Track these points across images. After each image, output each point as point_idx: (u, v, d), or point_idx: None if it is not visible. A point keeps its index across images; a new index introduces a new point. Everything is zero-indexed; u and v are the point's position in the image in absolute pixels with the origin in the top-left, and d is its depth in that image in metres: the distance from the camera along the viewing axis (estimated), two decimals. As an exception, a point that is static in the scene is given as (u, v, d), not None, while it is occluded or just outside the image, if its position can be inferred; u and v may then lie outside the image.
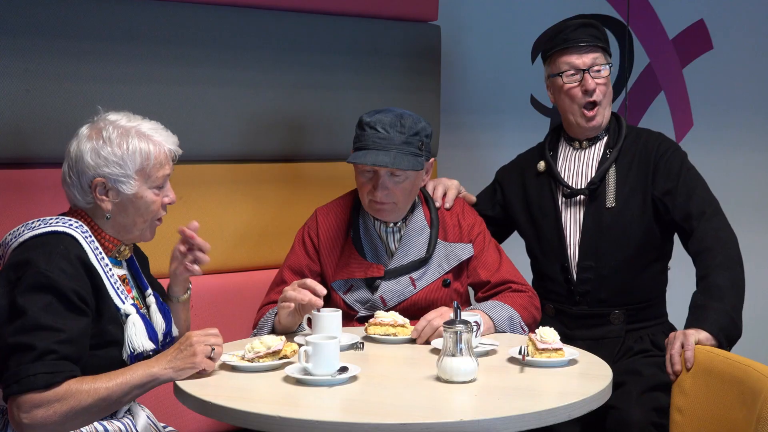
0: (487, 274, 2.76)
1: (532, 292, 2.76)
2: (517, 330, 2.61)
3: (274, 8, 3.19)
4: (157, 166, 2.20)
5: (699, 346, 2.39)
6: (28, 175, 2.73)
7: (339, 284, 2.75)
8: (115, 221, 2.19)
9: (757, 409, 2.02)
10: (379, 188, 2.64)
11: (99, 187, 2.16)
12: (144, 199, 2.19)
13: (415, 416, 1.87)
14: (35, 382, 1.96)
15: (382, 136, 2.62)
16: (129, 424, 2.24)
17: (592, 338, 2.79)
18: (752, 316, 3.42)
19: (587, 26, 2.85)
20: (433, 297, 2.72)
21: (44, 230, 2.12)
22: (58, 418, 1.99)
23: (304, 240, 2.81)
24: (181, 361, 2.11)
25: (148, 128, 2.21)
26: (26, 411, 1.97)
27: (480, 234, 2.81)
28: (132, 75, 2.88)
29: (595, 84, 2.81)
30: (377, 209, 2.70)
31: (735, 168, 3.74)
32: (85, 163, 2.16)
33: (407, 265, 2.73)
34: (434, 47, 3.61)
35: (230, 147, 3.14)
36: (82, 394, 2.00)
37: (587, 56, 2.81)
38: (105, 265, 2.17)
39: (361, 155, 2.62)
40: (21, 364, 1.96)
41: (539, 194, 2.94)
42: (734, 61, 3.81)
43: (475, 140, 3.96)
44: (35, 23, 2.69)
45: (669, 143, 2.90)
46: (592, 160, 2.90)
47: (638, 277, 2.85)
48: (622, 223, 2.81)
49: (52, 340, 1.99)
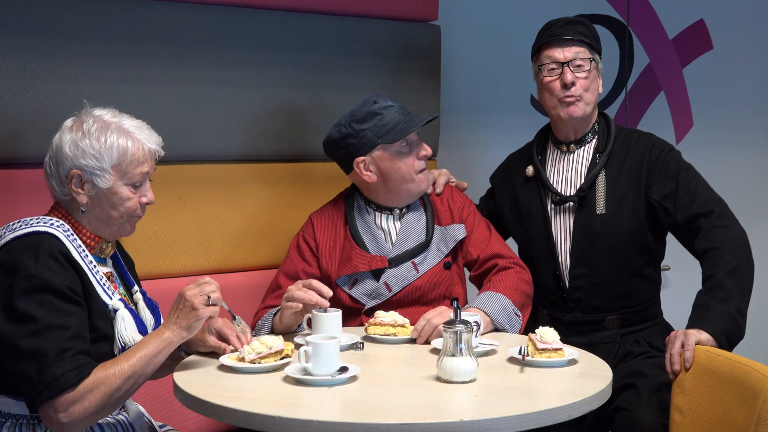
0: (477, 251, 2.81)
1: (519, 266, 2.77)
2: (512, 318, 2.63)
3: (274, 8, 3.19)
4: (135, 163, 2.19)
5: (699, 346, 2.39)
6: (27, 175, 2.72)
7: (344, 280, 2.76)
8: (90, 215, 2.19)
9: (757, 409, 2.03)
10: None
11: (75, 179, 2.16)
12: (119, 195, 2.19)
13: (415, 416, 1.87)
14: (66, 381, 1.97)
15: (400, 106, 2.78)
16: (124, 420, 2.25)
17: (587, 344, 2.70)
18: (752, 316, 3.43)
19: (574, 23, 2.83)
20: (435, 280, 2.76)
21: (26, 231, 2.12)
22: (95, 407, 2.01)
23: (300, 245, 2.83)
24: (184, 318, 2.13)
25: (130, 125, 2.21)
26: (63, 410, 1.98)
27: (470, 214, 2.87)
28: (132, 75, 2.88)
29: (575, 77, 2.77)
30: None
31: (735, 168, 3.74)
32: (64, 153, 2.16)
33: (409, 251, 2.76)
34: (434, 47, 3.60)
35: (229, 147, 3.14)
36: (110, 378, 2.03)
37: (569, 50, 2.78)
38: (89, 262, 2.17)
39: (405, 123, 2.72)
40: (43, 370, 1.97)
41: (528, 200, 2.91)
42: (734, 61, 3.81)
43: (475, 140, 3.97)
44: (35, 23, 2.69)
45: (661, 145, 2.84)
46: (581, 165, 2.86)
47: (631, 281, 2.82)
48: (612, 229, 2.77)
49: (62, 339, 2.00)
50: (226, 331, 2.32)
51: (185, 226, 3.02)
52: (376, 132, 2.72)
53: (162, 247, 2.95)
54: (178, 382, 2.12)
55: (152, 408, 2.44)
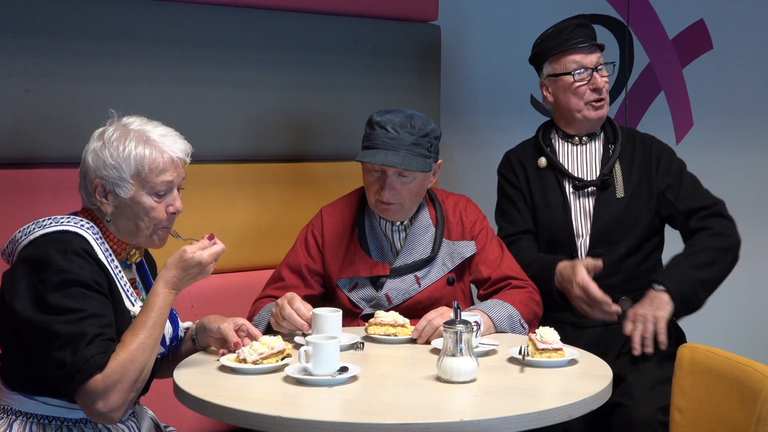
0: (488, 270, 2.76)
1: (532, 287, 2.77)
2: (517, 328, 2.61)
3: (275, 8, 3.20)
4: (156, 172, 2.14)
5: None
6: (27, 175, 2.72)
7: (344, 282, 2.75)
8: (116, 224, 2.18)
9: (757, 409, 2.02)
10: (386, 188, 2.65)
11: (99, 189, 2.15)
12: (142, 205, 2.15)
13: (415, 416, 1.87)
14: (94, 363, 1.96)
15: (392, 136, 2.63)
16: (133, 427, 2.23)
17: (603, 324, 2.88)
18: (752, 316, 3.43)
19: (583, 26, 3.00)
20: (437, 295, 2.73)
21: (56, 228, 2.10)
22: (128, 386, 1.99)
23: (307, 238, 2.81)
24: (187, 283, 2.16)
25: (154, 133, 2.17)
26: (100, 397, 1.96)
27: (482, 230, 2.81)
28: (132, 75, 2.89)
29: (603, 82, 2.97)
30: (383, 209, 2.71)
31: (735, 168, 3.74)
32: (87, 164, 2.15)
33: (412, 264, 2.73)
34: (434, 47, 3.61)
35: (231, 147, 3.14)
36: (135, 353, 2.01)
37: (593, 56, 2.96)
38: (115, 266, 2.16)
39: (370, 154, 2.62)
40: (76, 352, 1.96)
41: (543, 188, 3.00)
42: (734, 61, 3.80)
43: (476, 140, 3.96)
44: (35, 23, 2.69)
45: (661, 142, 3.04)
46: (594, 155, 3.02)
47: (643, 263, 2.96)
48: (631, 212, 2.93)
49: (97, 326, 2.00)
50: (229, 333, 2.31)
51: (186, 226, 3.02)
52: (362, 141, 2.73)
53: (163, 247, 2.94)
54: (178, 382, 2.11)
55: (152, 408, 2.44)
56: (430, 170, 2.68)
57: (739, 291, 3.07)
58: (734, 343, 2.86)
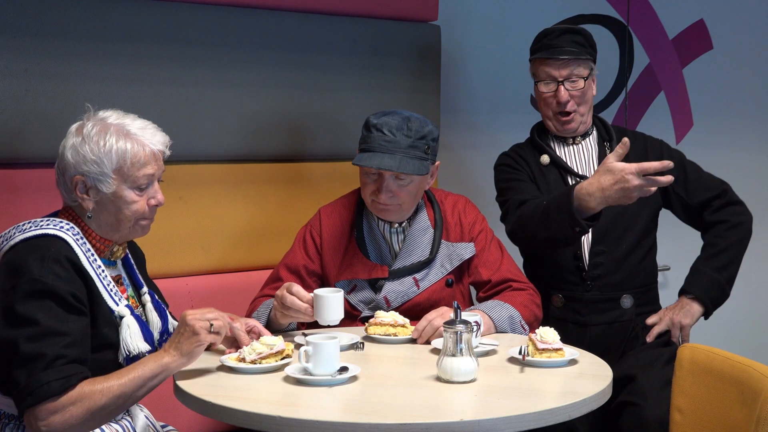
0: (488, 272, 2.75)
1: (533, 290, 2.77)
2: (517, 329, 2.61)
3: (274, 8, 3.19)
4: (137, 166, 2.13)
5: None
6: (27, 175, 2.72)
7: (343, 284, 2.74)
8: (97, 220, 2.15)
9: (757, 409, 2.02)
10: (383, 191, 2.64)
11: (79, 185, 2.12)
12: (124, 199, 2.13)
13: (415, 416, 1.87)
14: (49, 390, 1.94)
15: (388, 139, 2.62)
16: (127, 426, 2.23)
17: (605, 322, 2.91)
18: (752, 316, 3.43)
19: (571, 32, 2.94)
20: (436, 297, 2.72)
21: (35, 233, 2.08)
22: (75, 420, 1.98)
23: (305, 239, 2.81)
24: (186, 343, 2.07)
25: (133, 126, 2.15)
26: (43, 419, 1.96)
27: (481, 232, 2.80)
28: (132, 75, 2.89)
29: (569, 96, 2.92)
30: (381, 209, 2.70)
31: (735, 168, 3.74)
32: (66, 160, 2.13)
33: (411, 266, 2.73)
34: (434, 47, 3.60)
35: (229, 147, 3.14)
36: (96, 395, 1.99)
37: (565, 69, 2.91)
38: (97, 267, 2.14)
39: (366, 158, 2.62)
40: (32, 375, 1.95)
41: (547, 184, 3.00)
42: (734, 61, 3.81)
43: (475, 140, 3.96)
44: (35, 23, 2.69)
45: (653, 137, 3.08)
46: (590, 152, 3.03)
47: (642, 261, 2.99)
48: (632, 209, 2.91)
49: (59, 346, 1.97)
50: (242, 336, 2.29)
51: (185, 226, 3.03)
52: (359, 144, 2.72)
53: (162, 246, 2.95)
54: (178, 382, 2.11)
55: (152, 408, 2.44)
56: (428, 172, 2.68)
57: (739, 291, 3.07)
58: (734, 343, 2.87)
